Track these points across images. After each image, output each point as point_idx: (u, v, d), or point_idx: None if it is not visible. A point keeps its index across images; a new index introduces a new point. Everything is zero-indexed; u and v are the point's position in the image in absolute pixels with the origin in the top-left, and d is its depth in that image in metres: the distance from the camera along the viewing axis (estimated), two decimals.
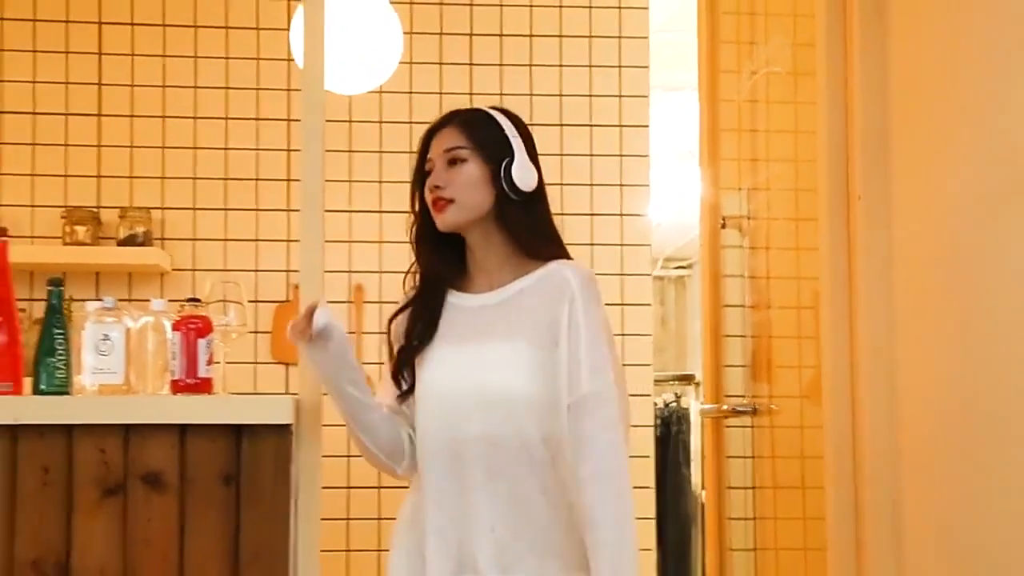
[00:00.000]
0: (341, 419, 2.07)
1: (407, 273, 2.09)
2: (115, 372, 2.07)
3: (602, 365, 1.85)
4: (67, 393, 2.16)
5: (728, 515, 2.95)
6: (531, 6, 4.16)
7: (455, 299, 2.02)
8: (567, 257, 2.02)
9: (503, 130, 1.99)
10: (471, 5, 4.14)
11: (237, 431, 2.09)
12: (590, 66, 4.15)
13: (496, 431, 1.89)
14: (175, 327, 2.08)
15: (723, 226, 2.98)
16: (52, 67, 3.96)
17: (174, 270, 3.98)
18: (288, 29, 3.82)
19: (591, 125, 4.14)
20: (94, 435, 2.07)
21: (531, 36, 4.16)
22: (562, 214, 4.03)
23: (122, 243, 3.90)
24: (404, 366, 2.01)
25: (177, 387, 2.08)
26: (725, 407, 2.87)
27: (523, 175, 1.96)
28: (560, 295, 1.89)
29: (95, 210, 3.93)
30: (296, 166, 4.01)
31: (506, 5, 4.16)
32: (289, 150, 4.05)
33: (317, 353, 1.95)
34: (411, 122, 4.07)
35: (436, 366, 1.97)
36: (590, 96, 4.14)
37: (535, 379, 1.87)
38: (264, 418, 2.08)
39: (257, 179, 4.04)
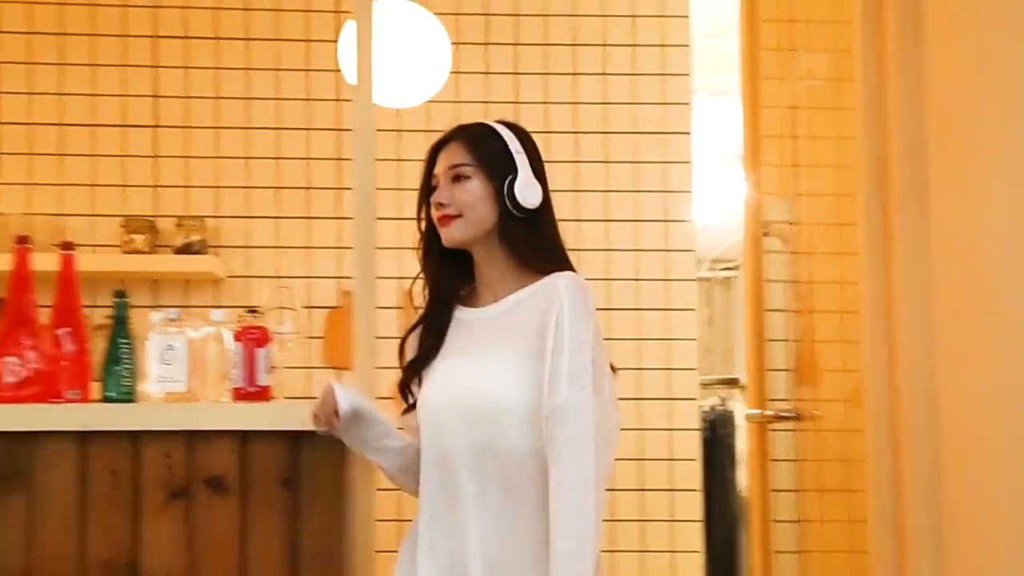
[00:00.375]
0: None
1: (411, 285, 2.09)
2: (179, 380, 2.16)
3: (581, 375, 1.81)
4: (132, 400, 2.26)
5: (773, 518, 2.99)
6: (574, 15, 4.23)
7: (461, 314, 2.03)
8: (570, 270, 1.98)
9: (507, 146, 1.99)
10: (516, 16, 4.21)
11: (295, 436, 2.18)
12: (633, 74, 4.21)
13: (484, 442, 1.88)
14: (236, 337, 2.17)
15: (766, 234, 3.03)
16: (110, 80, 4.08)
17: (228, 277, 4.08)
18: (336, 41, 3.91)
19: (634, 133, 4.19)
20: (160, 441, 2.16)
21: (575, 46, 4.22)
22: (608, 220, 4.14)
23: (179, 251, 4.01)
24: (408, 381, 2.03)
25: (238, 395, 2.17)
26: (769, 412, 2.91)
27: (526, 192, 1.95)
28: (550, 304, 1.86)
29: (152, 219, 4.04)
30: (346, 175, 4.12)
31: (550, 15, 4.23)
32: (339, 159, 4.14)
33: (349, 433, 2.02)
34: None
35: (432, 380, 1.98)
36: (633, 104, 4.20)
37: (525, 389, 1.85)
38: None
39: (308, 188, 4.14)
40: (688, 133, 4.19)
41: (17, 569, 2.12)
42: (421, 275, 2.08)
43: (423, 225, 2.05)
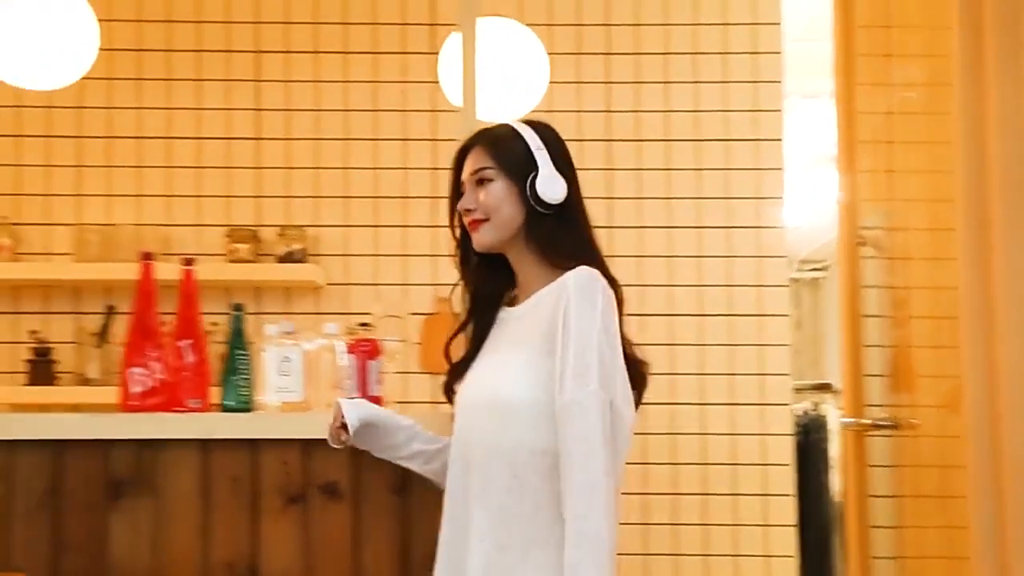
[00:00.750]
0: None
1: (451, 291, 2.11)
2: (295, 391, 2.26)
3: (586, 371, 1.77)
4: (249, 409, 2.36)
5: (870, 524, 3.00)
6: (666, 25, 4.27)
7: (502, 314, 2.03)
8: (593, 264, 1.92)
9: (527, 144, 1.97)
10: (607, 25, 4.27)
11: None
12: (725, 82, 4.23)
13: (492, 439, 1.87)
14: (350, 350, 2.26)
15: (862, 243, 3.04)
16: (215, 95, 4.22)
17: (328, 284, 4.20)
18: (431, 52, 4.01)
19: (726, 140, 4.22)
20: (278, 448, 2.27)
21: (666, 54, 4.26)
22: (700, 227, 4.17)
23: (281, 260, 4.13)
24: (451, 384, 2.05)
25: None
26: (866, 420, 2.93)
27: (548, 188, 1.94)
28: (559, 300, 1.84)
29: (255, 229, 4.17)
30: (441, 184, 4.20)
31: (642, 24, 4.27)
32: (435, 168, 4.23)
33: (369, 444, 2.07)
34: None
35: (464, 380, 2.01)
36: (725, 111, 4.22)
37: (535, 386, 1.83)
38: None
39: (405, 197, 4.24)
40: (780, 140, 4.21)
41: (145, 569, 2.24)
42: (460, 281, 2.09)
43: (458, 232, 2.06)
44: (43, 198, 4.19)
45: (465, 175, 2.01)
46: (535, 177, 1.94)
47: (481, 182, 1.97)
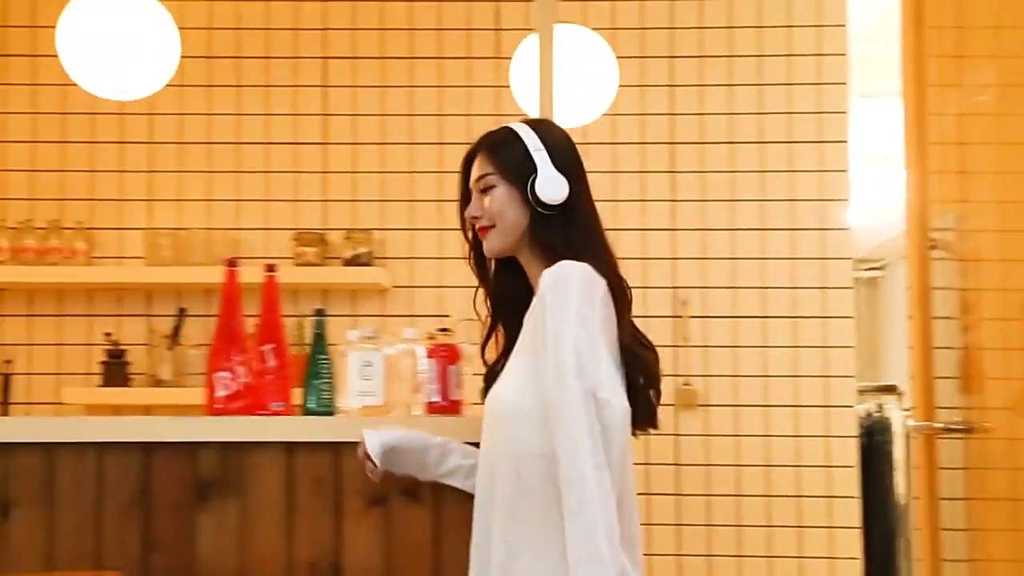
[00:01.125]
0: None
1: (475, 295, 2.12)
2: (376, 395, 2.30)
3: (562, 368, 1.74)
4: (331, 413, 2.41)
5: (942, 526, 2.99)
6: (730, 28, 4.27)
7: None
8: (596, 262, 1.89)
9: (526, 146, 1.95)
10: (671, 29, 4.28)
11: None
12: (789, 84, 4.23)
13: (499, 445, 1.87)
14: (430, 355, 2.30)
15: (933, 246, 3.03)
16: (283, 100, 4.29)
17: (393, 287, 4.25)
18: (495, 57, 4.06)
19: (790, 142, 4.22)
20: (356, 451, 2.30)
21: (730, 57, 4.27)
22: (764, 229, 4.17)
23: (347, 263, 4.19)
24: (485, 388, 2.05)
25: (432, 408, 2.30)
26: (938, 424, 2.92)
27: (548, 188, 1.91)
28: (537, 299, 1.84)
29: (322, 232, 4.23)
30: None
31: (705, 28, 4.28)
32: None
33: (401, 468, 2.13)
34: (614, 142, 4.24)
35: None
36: (790, 114, 4.22)
37: (527, 391, 1.83)
38: None
39: None
40: (845, 142, 4.20)
41: (231, 568, 2.29)
42: (480, 285, 2.11)
43: (471, 235, 2.06)
44: (116, 203, 4.28)
45: (471, 182, 2.02)
46: (535, 179, 1.92)
47: (485, 189, 1.97)
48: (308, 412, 2.41)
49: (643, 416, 1.90)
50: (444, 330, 2.37)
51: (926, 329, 3.06)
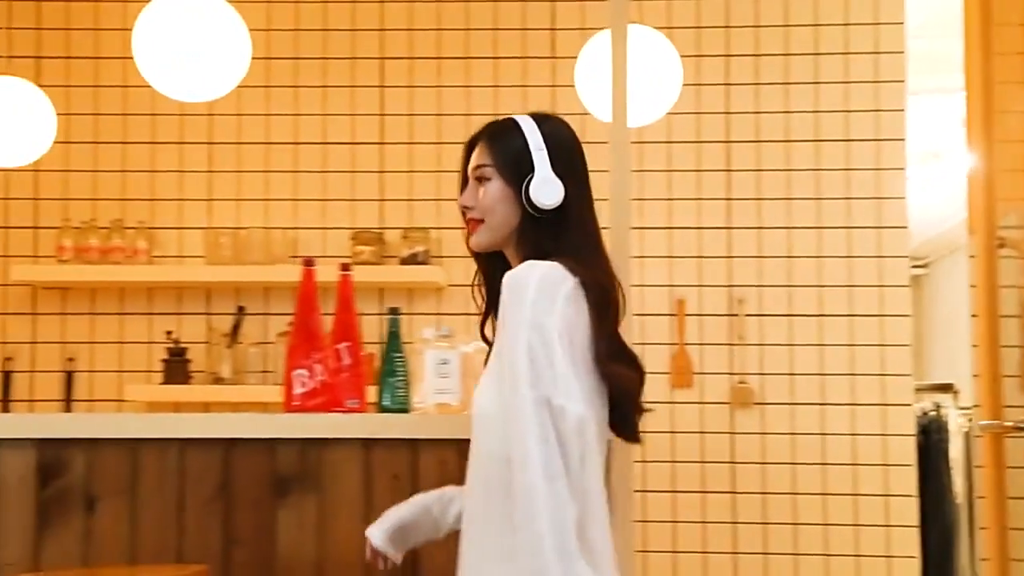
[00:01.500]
0: None
1: (473, 282, 2.04)
2: (452, 393, 2.33)
3: (514, 375, 1.66)
4: (406, 410, 2.44)
5: (1009, 526, 2.99)
6: (786, 26, 4.27)
7: None
8: (583, 268, 1.80)
9: (527, 144, 1.85)
10: (727, 28, 4.29)
11: None
12: (846, 82, 4.23)
13: (472, 450, 1.84)
14: None
15: (1001, 245, 3.02)
16: (340, 101, 4.33)
17: (449, 286, 4.28)
18: (551, 57, 4.08)
19: (847, 140, 4.22)
20: (435, 448, 2.33)
21: (787, 55, 4.27)
22: (820, 228, 4.17)
23: (404, 262, 4.23)
24: None
25: None
26: (1008, 423, 2.91)
27: (542, 191, 1.81)
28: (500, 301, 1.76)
29: (379, 231, 4.27)
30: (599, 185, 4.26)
31: (762, 27, 4.28)
32: (603, 171, 4.29)
33: (417, 540, 2.08)
34: (669, 141, 4.25)
35: None
36: (846, 111, 4.22)
37: (494, 395, 1.76)
38: None
39: None
40: (902, 140, 4.19)
41: (310, 562, 2.33)
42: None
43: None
44: (176, 203, 4.33)
45: (469, 169, 1.92)
46: (531, 179, 1.82)
47: (480, 180, 1.88)
48: (383, 409, 2.44)
49: (620, 430, 1.82)
50: None
51: (993, 327, 3.06)
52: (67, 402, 4.23)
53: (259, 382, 4.16)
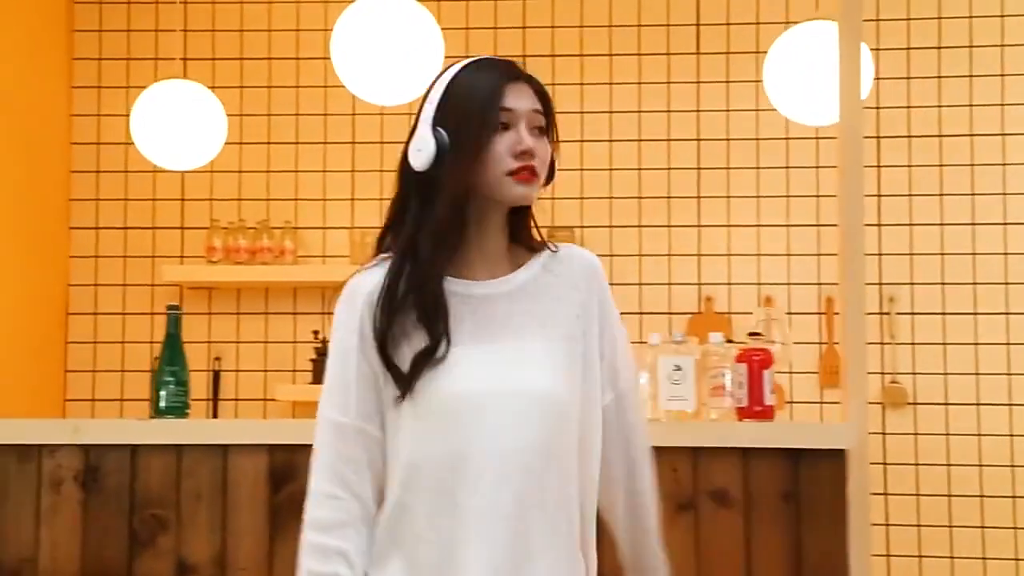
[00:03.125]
0: None
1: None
2: (686, 399, 2.30)
3: (631, 363, 1.75)
4: None
5: None
6: (1002, 16, 4.18)
7: (456, 286, 1.63)
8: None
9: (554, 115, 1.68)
10: (938, 19, 4.20)
11: (795, 454, 2.29)
12: (1000, 75, 4.15)
13: (545, 437, 1.61)
14: (740, 359, 2.29)
15: None
16: None
17: None
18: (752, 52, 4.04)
19: (1002, 135, 4.14)
20: (668, 456, 2.30)
21: (1001, 47, 4.18)
22: (974, 224, 4.09)
23: None
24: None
25: (743, 414, 2.29)
26: None
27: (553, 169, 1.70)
28: (589, 285, 1.69)
29: None
30: (708, 183, 4.23)
31: (976, 17, 4.19)
32: (698, 169, 4.25)
33: None
34: (817, 137, 4.19)
35: (464, 367, 1.60)
36: (1001, 106, 4.14)
37: (576, 382, 1.64)
38: (823, 443, 2.27)
39: (669, 197, 4.27)
40: None
41: None
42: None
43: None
44: (321, 203, 4.34)
45: (523, 107, 1.61)
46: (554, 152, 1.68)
47: (538, 130, 1.63)
48: None
49: None
50: (755, 334, 2.36)
51: None
52: (214, 401, 4.26)
53: None
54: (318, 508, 1.59)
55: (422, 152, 1.59)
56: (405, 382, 1.57)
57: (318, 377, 4.16)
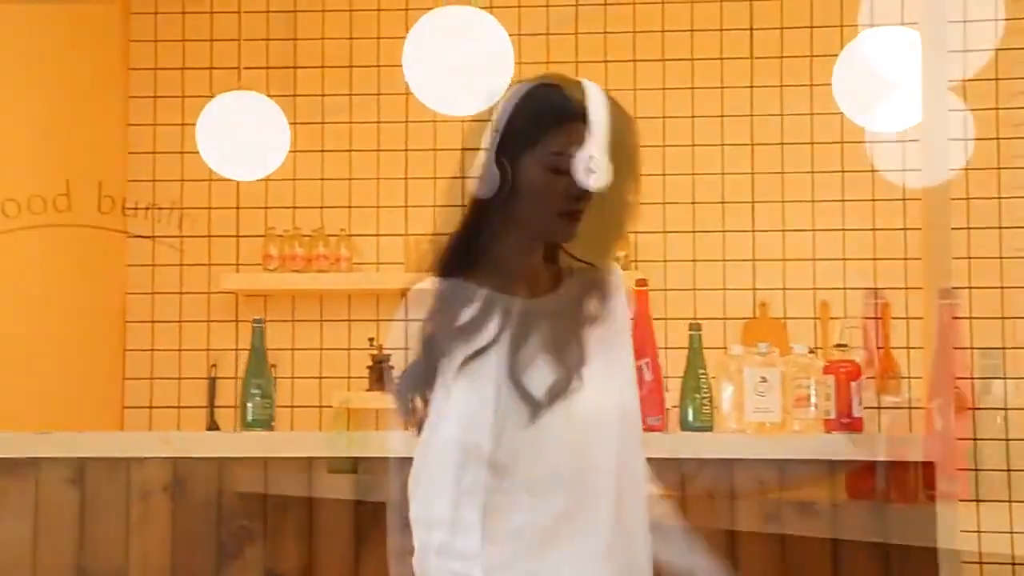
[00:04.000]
0: None
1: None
2: (772, 411, 2.29)
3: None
4: (711, 427, 2.41)
5: None
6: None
7: (514, 304, 1.65)
8: None
9: None
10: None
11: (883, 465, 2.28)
12: None
13: (634, 456, 1.68)
14: (827, 370, 2.28)
15: None
16: None
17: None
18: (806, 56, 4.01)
19: None
20: (753, 467, 2.31)
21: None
22: None
23: None
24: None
25: (831, 426, 2.29)
26: None
27: None
28: (626, 306, 1.72)
29: None
30: (762, 188, 4.22)
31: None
32: (752, 173, 4.25)
33: None
34: (871, 141, 4.17)
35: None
36: None
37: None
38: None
39: (723, 202, 4.26)
40: None
41: None
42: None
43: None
44: (374, 210, 4.35)
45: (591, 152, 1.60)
46: None
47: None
48: (686, 428, 2.42)
49: None
50: (841, 346, 2.35)
51: None
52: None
53: None
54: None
55: (484, 182, 1.65)
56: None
57: (375, 384, 4.17)
